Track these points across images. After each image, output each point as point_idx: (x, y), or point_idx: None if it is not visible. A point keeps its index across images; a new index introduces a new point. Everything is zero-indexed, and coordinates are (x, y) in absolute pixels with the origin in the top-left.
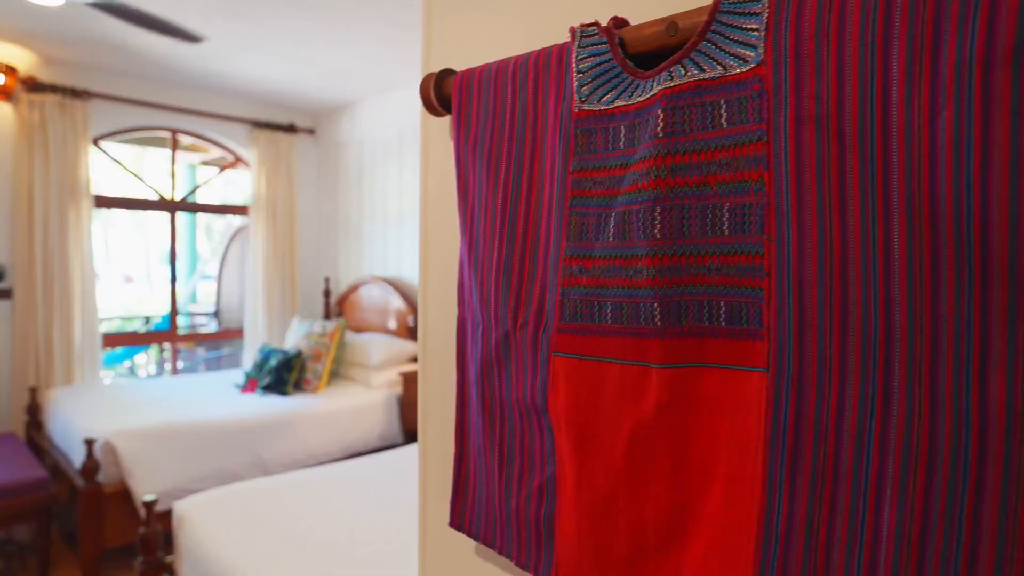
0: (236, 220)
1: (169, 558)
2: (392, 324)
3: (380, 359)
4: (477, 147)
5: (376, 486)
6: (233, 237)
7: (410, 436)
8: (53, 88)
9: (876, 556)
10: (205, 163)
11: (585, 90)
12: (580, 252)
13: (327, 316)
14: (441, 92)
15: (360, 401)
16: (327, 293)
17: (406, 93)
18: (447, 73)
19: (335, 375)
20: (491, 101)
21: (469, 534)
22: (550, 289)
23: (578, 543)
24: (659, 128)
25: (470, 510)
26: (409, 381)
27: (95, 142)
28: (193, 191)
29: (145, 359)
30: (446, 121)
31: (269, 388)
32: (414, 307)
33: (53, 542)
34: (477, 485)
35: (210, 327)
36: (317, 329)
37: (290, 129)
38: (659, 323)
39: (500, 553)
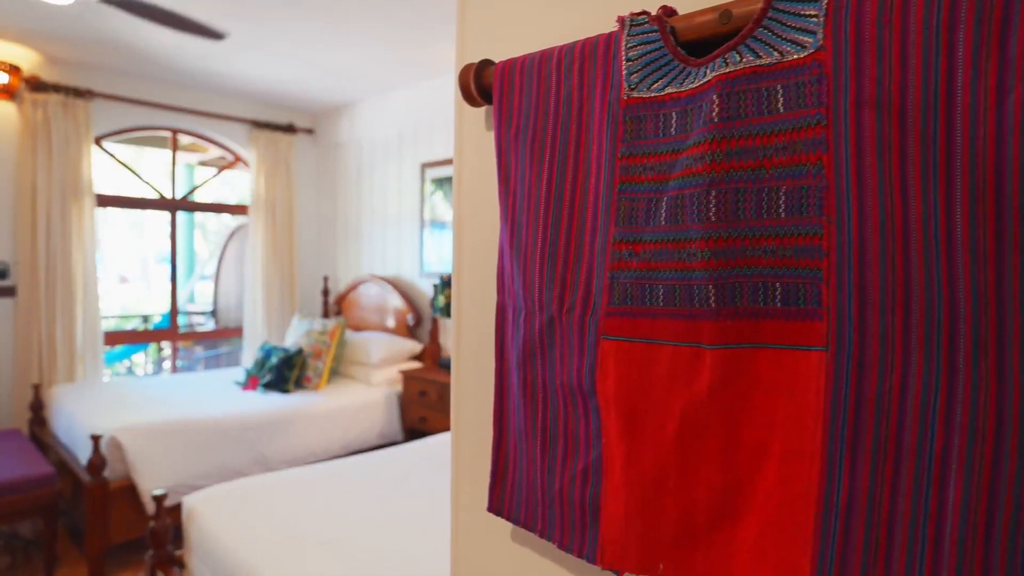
0: (230, 220)
1: (178, 552)
2: (391, 323)
3: (380, 357)
4: (520, 135)
5: (382, 481)
6: (231, 237)
7: (410, 434)
8: (56, 87)
9: (941, 530)
10: (203, 163)
11: (634, 78)
12: (629, 236)
13: (326, 315)
14: (481, 82)
15: (360, 399)
16: (326, 292)
17: (405, 93)
18: (486, 64)
19: (335, 373)
20: (534, 90)
21: (508, 518)
22: (597, 273)
23: (625, 524)
24: (714, 113)
25: (509, 495)
26: (409, 379)
27: (97, 141)
28: (191, 191)
29: (144, 359)
30: (481, 112)
31: (270, 386)
32: (413, 306)
33: (58, 538)
34: (516, 470)
35: (207, 326)
36: (318, 327)
37: (289, 129)
38: (713, 304)
39: (541, 536)
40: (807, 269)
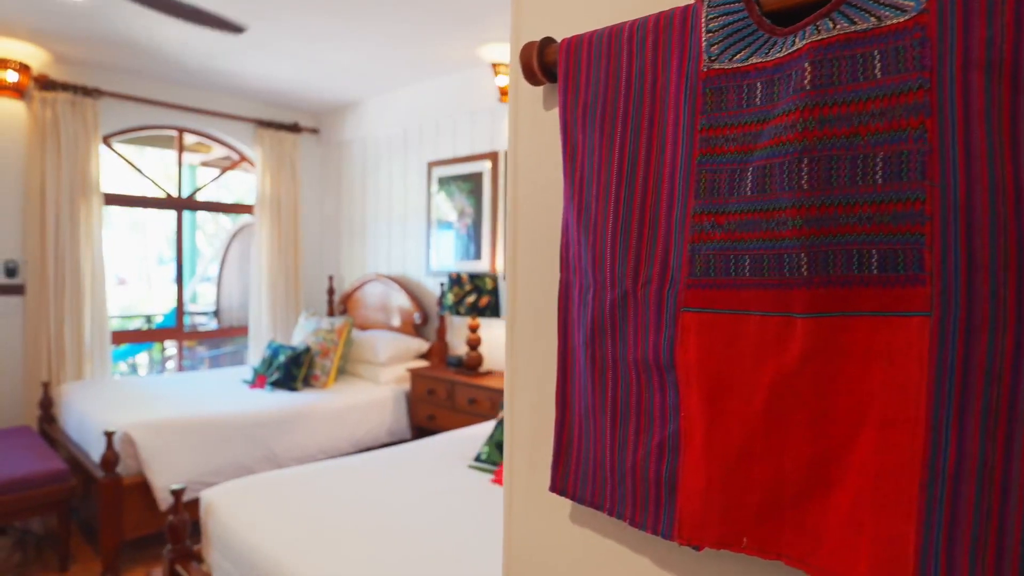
0: (227, 223)
1: (196, 547)
2: (396, 321)
3: (388, 355)
4: (588, 111)
5: (398, 477)
6: (233, 237)
7: (418, 431)
8: (64, 86)
9: None
10: (204, 164)
11: (715, 49)
12: (711, 208)
13: (331, 314)
14: (543, 60)
15: (369, 397)
16: (331, 291)
17: (410, 92)
18: (548, 42)
19: (342, 372)
20: (603, 65)
21: (573, 498)
22: (675, 246)
23: (706, 497)
24: (806, 81)
25: (573, 474)
26: (417, 377)
27: (105, 140)
28: (195, 192)
29: (147, 358)
30: (538, 92)
31: (278, 384)
32: (420, 304)
33: (71, 534)
34: (581, 448)
35: (209, 326)
36: (325, 326)
37: (294, 128)
38: (805, 273)
39: (610, 515)
40: (907, 234)
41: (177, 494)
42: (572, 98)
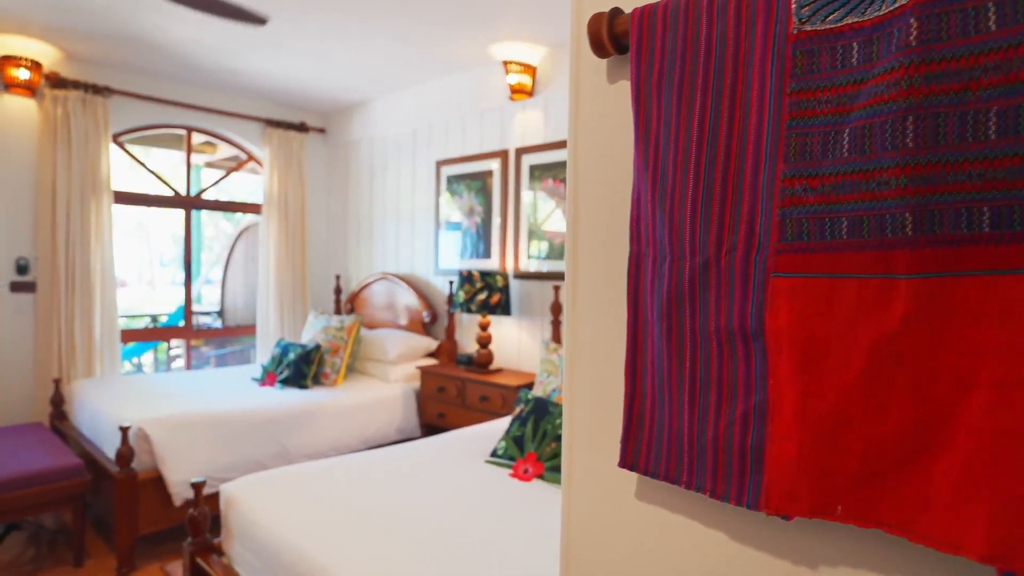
0: (227, 227)
1: (216, 540)
2: (403, 320)
3: (397, 353)
4: (663, 80)
5: (415, 470)
6: (238, 237)
7: (427, 429)
8: (75, 84)
9: None
10: (209, 164)
11: (806, 11)
12: (803, 172)
13: (338, 313)
14: (612, 31)
15: (378, 395)
16: (338, 290)
17: (419, 91)
18: (616, 12)
19: (351, 370)
20: (679, 33)
21: (645, 472)
22: (762, 212)
23: (797, 466)
24: (911, 37)
25: (645, 449)
26: (427, 375)
27: (114, 139)
28: (200, 192)
29: (152, 358)
30: (601, 65)
31: (288, 382)
32: (428, 303)
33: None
34: (654, 423)
35: (214, 326)
36: (335, 324)
37: (302, 128)
38: (910, 233)
39: (687, 488)
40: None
41: (197, 487)
42: (646, 67)
